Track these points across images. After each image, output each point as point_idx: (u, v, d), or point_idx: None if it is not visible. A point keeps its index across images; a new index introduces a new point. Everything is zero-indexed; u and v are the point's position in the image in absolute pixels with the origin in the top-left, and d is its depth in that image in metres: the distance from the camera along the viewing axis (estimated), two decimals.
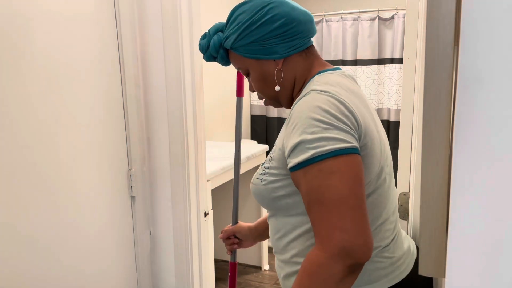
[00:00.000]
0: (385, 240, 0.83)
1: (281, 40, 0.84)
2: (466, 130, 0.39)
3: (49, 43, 1.10)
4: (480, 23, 0.37)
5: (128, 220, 1.45)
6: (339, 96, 0.75)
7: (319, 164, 0.70)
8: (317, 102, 0.74)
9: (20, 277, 1.06)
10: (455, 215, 0.41)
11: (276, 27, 0.83)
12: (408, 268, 0.85)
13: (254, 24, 0.84)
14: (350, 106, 0.74)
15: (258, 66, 0.88)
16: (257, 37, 0.84)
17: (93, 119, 1.26)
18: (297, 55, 0.87)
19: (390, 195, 0.86)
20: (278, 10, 0.83)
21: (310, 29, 0.87)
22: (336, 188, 0.69)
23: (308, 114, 0.73)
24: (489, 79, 0.38)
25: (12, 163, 1.02)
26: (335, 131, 0.71)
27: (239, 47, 0.87)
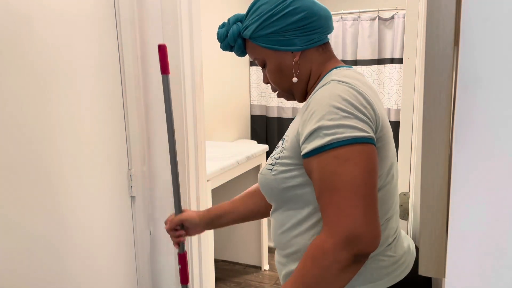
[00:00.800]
0: (389, 238, 0.84)
1: (301, 32, 0.86)
2: (466, 130, 0.39)
3: (49, 43, 1.10)
4: (480, 23, 0.37)
5: (128, 220, 1.45)
6: (358, 87, 0.76)
7: (336, 150, 0.71)
8: (337, 91, 0.75)
9: (20, 277, 1.06)
10: (455, 215, 0.41)
11: (297, 19, 0.84)
12: (409, 268, 0.86)
13: (276, 15, 0.85)
14: (369, 98, 0.76)
15: (276, 57, 0.89)
16: (278, 28, 0.86)
17: (93, 119, 1.26)
18: (314, 49, 0.89)
19: (395, 194, 0.86)
20: (300, 3, 0.85)
21: (329, 25, 0.90)
22: (349, 176, 0.69)
23: (328, 102, 0.74)
24: (489, 79, 0.38)
25: (12, 163, 1.02)
26: (354, 120, 0.72)
27: (259, 37, 0.88)
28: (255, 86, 3.35)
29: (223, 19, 2.87)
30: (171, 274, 1.51)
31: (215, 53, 2.80)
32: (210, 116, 2.73)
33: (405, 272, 0.84)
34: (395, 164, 0.87)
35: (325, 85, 0.79)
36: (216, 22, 2.79)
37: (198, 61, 1.42)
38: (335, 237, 0.68)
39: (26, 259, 1.08)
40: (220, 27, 0.95)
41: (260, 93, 3.35)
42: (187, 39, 1.37)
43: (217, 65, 2.84)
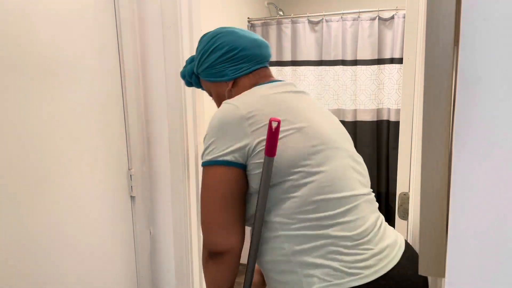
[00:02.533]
0: (352, 231, 0.86)
1: (229, 64, 0.99)
2: (466, 130, 0.39)
3: (48, 43, 1.10)
4: (480, 23, 0.37)
5: (128, 220, 1.45)
6: (239, 108, 0.89)
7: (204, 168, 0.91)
8: (215, 114, 0.92)
9: (20, 277, 1.06)
10: (455, 215, 0.41)
11: (223, 53, 0.99)
12: (394, 260, 0.87)
13: (207, 52, 1.01)
14: (251, 116, 0.88)
15: (215, 88, 1.04)
16: (210, 62, 1.00)
17: (93, 119, 1.26)
18: (245, 77, 1.01)
19: (334, 194, 0.88)
20: (225, 38, 0.99)
21: (260, 53, 1.01)
22: (202, 193, 0.90)
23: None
24: (489, 79, 0.38)
25: (11, 163, 1.02)
26: (216, 143, 0.88)
27: (201, 72, 1.04)
28: None
29: (223, 19, 2.87)
30: (171, 274, 1.51)
31: None
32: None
33: (390, 264, 0.86)
34: (323, 163, 0.90)
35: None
36: (216, 22, 2.79)
37: None
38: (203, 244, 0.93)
39: (26, 259, 1.08)
40: (184, 67, 1.12)
41: None
42: (187, 39, 1.37)
43: None
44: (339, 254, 0.85)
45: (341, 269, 0.84)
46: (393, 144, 3.02)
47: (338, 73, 3.06)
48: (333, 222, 0.86)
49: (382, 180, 3.12)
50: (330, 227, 0.86)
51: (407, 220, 1.41)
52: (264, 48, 1.03)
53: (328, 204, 0.86)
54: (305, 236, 0.86)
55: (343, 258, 0.84)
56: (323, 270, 0.84)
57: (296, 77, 3.19)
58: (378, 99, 3.01)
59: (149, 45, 1.38)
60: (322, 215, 0.86)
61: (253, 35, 1.03)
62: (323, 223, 0.86)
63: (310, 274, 0.85)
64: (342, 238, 0.85)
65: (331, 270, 0.84)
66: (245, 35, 1.01)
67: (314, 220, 0.86)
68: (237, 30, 1.02)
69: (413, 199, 1.27)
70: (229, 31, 1.01)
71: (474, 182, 0.40)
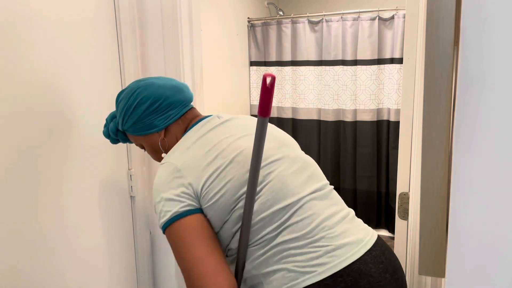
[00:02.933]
0: (300, 231, 0.87)
1: (156, 115, 1.00)
2: (466, 130, 0.39)
3: (49, 43, 1.10)
4: (480, 23, 0.37)
5: (128, 220, 1.45)
6: (172, 164, 0.92)
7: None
8: (156, 178, 0.93)
9: (19, 277, 1.06)
10: (455, 215, 0.41)
11: (148, 106, 0.99)
12: (354, 257, 0.85)
13: (130, 108, 1.00)
14: (182, 168, 0.90)
15: (147, 140, 1.04)
16: (136, 117, 1.00)
17: (93, 119, 1.26)
18: (174, 123, 1.02)
19: (273, 207, 0.90)
20: (145, 92, 0.99)
21: (182, 98, 1.03)
22: (178, 254, 0.87)
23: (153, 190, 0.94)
24: (489, 79, 0.38)
25: (11, 164, 1.02)
26: (165, 202, 0.89)
27: (128, 128, 1.04)
28: (255, 86, 3.35)
29: (223, 19, 2.87)
30: (171, 274, 1.51)
31: (215, 53, 2.80)
32: None
33: (347, 261, 0.84)
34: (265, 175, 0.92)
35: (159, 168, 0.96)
36: (216, 22, 2.79)
37: (198, 61, 1.42)
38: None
39: (26, 259, 1.08)
40: (104, 127, 1.13)
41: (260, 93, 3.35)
42: (187, 39, 1.37)
43: (217, 65, 2.84)
44: (292, 256, 0.86)
45: (295, 270, 0.85)
46: (393, 144, 3.02)
47: (338, 73, 3.06)
48: (280, 229, 0.88)
49: (382, 180, 3.12)
50: (278, 234, 0.88)
51: (407, 220, 1.41)
52: (186, 91, 1.05)
53: (273, 217, 0.89)
54: (261, 251, 0.88)
55: (296, 259, 0.85)
56: (279, 274, 0.86)
57: (296, 77, 3.19)
58: (378, 99, 3.02)
59: (149, 45, 1.38)
60: (270, 228, 0.88)
61: (172, 81, 1.05)
62: (271, 235, 0.88)
63: (270, 280, 0.87)
64: (292, 240, 0.87)
65: (286, 272, 0.85)
66: (164, 84, 1.02)
67: (264, 236, 0.88)
68: (154, 81, 1.03)
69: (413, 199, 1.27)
70: (147, 83, 1.02)
71: (474, 182, 0.40)
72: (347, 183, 3.18)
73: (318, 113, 3.19)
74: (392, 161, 3.03)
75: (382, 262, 0.88)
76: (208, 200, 0.89)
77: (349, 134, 3.10)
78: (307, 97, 3.18)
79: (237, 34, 3.11)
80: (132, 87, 1.03)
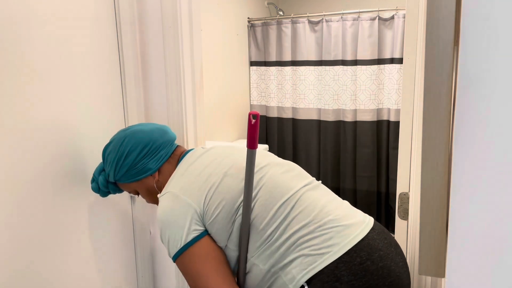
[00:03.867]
0: (306, 219, 0.92)
1: (148, 159, 1.05)
2: (466, 130, 0.39)
3: (48, 43, 1.10)
4: (480, 23, 0.37)
5: (128, 220, 1.45)
6: (174, 193, 0.96)
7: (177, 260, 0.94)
8: (159, 209, 0.96)
9: (19, 277, 1.06)
10: (455, 215, 0.41)
11: (138, 152, 1.04)
12: (361, 234, 0.91)
13: (121, 158, 1.05)
14: (185, 197, 0.95)
15: (142, 185, 1.08)
16: (129, 165, 1.05)
17: (93, 119, 1.26)
18: (166, 163, 1.08)
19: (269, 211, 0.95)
20: (134, 140, 1.05)
21: (168, 138, 1.09)
22: (192, 280, 0.92)
23: (157, 219, 0.98)
24: (489, 79, 0.38)
25: (11, 163, 1.02)
26: (174, 232, 0.93)
27: (120, 177, 1.07)
28: (255, 86, 3.35)
29: (223, 19, 2.87)
30: (171, 274, 1.51)
31: (215, 53, 2.80)
32: (210, 116, 2.74)
33: (356, 238, 0.89)
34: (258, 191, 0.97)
35: (160, 200, 0.99)
36: (216, 22, 2.79)
37: (198, 61, 1.42)
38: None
39: (26, 259, 1.08)
40: (91, 182, 1.15)
41: (260, 93, 3.36)
42: (187, 39, 1.37)
43: (217, 65, 2.84)
44: (306, 241, 0.89)
45: (311, 253, 0.88)
46: (393, 144, 3.02)
47: (338, 73, 3.06)
48: (286, 224, 0.92)
49: (382, 180, 3.12)
50: (286, 228, 0.92)
51: (407, 220, 1.41)
52: (169, 132, 1.12)
53: (275, 214, 0.93)
54: (274, 248, 0.92)
55: (311, 243, 0.89)
56: (296, 262, 0.89)
57: (296, 77, 3.19)
58: (378, 99, 3.02)
59: (149, 45, 1.38)
60: (274, 226, 0.92)
61: (154, 125, 1.11)
62: (278, 231, 0.92)
63: (288, 271, 0.90)
64: (301, 229, 0.91)
65: (303, 258, 0.88)
66: (149, 128, 1.08)
67: (271, 234, 0.92)
68: (139, 127, 1.09)
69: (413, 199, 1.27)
70: (132, 131, 1.07)
71: (474, 182, 0.40)
72: (347, 183, 3.17)
73: (318, 113, 3.19)
74: (392, 161, 3.03)
75: (385, 238, 0.95)
76: (210, 216, 0.94)
77: (349, 134, 3.10)
78: (307, 97, 3.18)
79: (237, 34, 3.11)
80: (118, 137, 1.08)
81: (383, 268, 0.88)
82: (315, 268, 0.87)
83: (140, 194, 1.13)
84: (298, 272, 0.88)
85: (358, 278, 0.85)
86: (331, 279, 0.85)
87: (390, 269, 0.89)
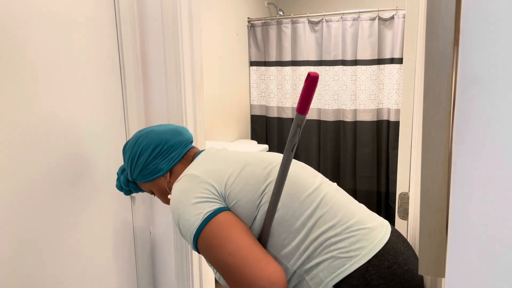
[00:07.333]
0: (333, 220, 0.89)
1: (160, 159, 1.05)
2: (466, 130, 0.39)
3: (49, 43, 1.10)
4: (480, 23, 0.37)
5: (128, 220, 1.45)
6: (195, 175, 0.94)
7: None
8: (174, 192, 0.93)
9: (19, 277, 1.06)
10: (455, 215, 0.41)
11: (150, 152, 1.04)
12: (386, 237, 0.90)
13: (135, 157, 1.05)
14: (206, 177, 0.92)
15: (155, 185, 1.08)
16: (142, 165, 1.05)
17: (93, 119, 1.26)
18: (178, 164, 1.07)
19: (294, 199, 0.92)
20: (146, 140, 1.05)
21: (182, 140, 1.09)
22: (214, 260, 0.85)
23: (173, 200, 0.94)
24: (489, 79, 0.38)
25: (11, 163, 1.02)
26: (192, 207, 0.88)
27: (137, 177, 1.07)
28: (255, 86, 3.35)
29: (223, 19, 2.87)
30: (171, 274, 1.51)
31: (215, 53, 2.80)
32: (210, 116, 2.73)
33: (382, 241, 0.88)
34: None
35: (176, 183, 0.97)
36: (216, 22, 2.79)
37: (198, 61, 1.42)
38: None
39: (26, 259, 1.08)
40: (117, 180, 1.16)
41: (260, 93, 3.35)
42: (187, 39, 1.37)
43: (217, 65, 2.84)
44: (334, 243, 0.87)
45: (341, 256, 0.86)
46: (393, 144, 3.02)
47: (338, 73, 3.06)
48: (314, 220, 0.89)
49: (382, 180, 3.12)
50: (313, 226, 0.89)
51: (407, 220, 1.41)
52: (185, 133, 1.11)
53: (302, 206, 0.90)
54: (302, 250, 0.88)
55: (339, 245, 0.86)
56: (324, 264, 0.86)
57: (296, 77, 3.19)
58: (378, 99, 3.02)
59: (149, 45, 1.38)
60: (302, 219, 0.89)
61: (171, 126, 1.11)
62: (307, 228, 0.89)
63: (315, 274, 0.86)
64: (329, 230, 0.88)
65: (332, 261, 0.85)
66: (164, 130, 1.08)
67: (299, 229, 0.89)
68: (154, 128, 1.09)
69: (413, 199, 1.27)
70: (147, 131, 1.08)
71: (474, 182, 0.40)
72: (347, 183, 3.18)
73: (318, 113, 3.19)
74: (392, 161, 3.03)
75: (404, 241, 0.94)
76: (233, 198, 0.91)
77: (349, 134, 3.10)
78: None
79: (237, 34, 3.11)
80: (134, 137, 1.09)
81: (408, 271, 0.87)
82: (345, 271, 0.84)
83: (155, 194, 1.12)
84: (326, 276, 0.85)
85: (387, 281, 0.84)
86: (361, 282, 0.83)
87: (413, 272, 0.88)
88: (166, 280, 1.53)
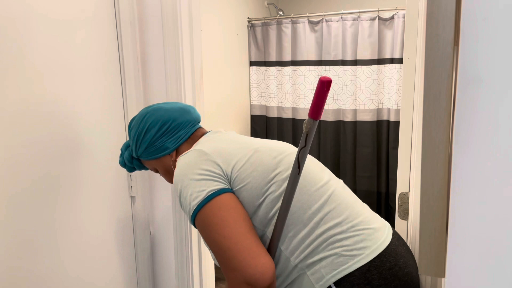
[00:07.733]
0: (339, 217, 0.89)
1: (167, 137, 1.03)
2: (466, 130, 0.39)
3: (49, 43, 1.10)
4: (480, 23, 0.37)
5: (128, 220, 1.45)
6: (195, 150, 0.93)
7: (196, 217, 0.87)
8: (180, 165, 0.92)
9: (19, 277, 1.06)
10: (455, 215, 0.41)
11: (157, 129, 1.02)
12: (388, 239, 0.91)
13: (141, 134, 1.03)
14: (213, 156, 0.91)
15: (160, 163, 1.07)
16: (148, 142, 1.03)
17: (93, 119, 1.26)
18: (185, 143, 1.05)
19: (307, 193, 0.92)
20: (154, 117, 1.03)
21: (190, 119, 1.07)
22: (208, 239, 0.85)
23: (177, 175, 0.92)
24: (489, 79, 0.38)
25: (11, 163, 1.02)
26: (195, 183, 0.87)
27: (141, 154, 1.06)
28: (255, 86, 3.35)
29: (223, 19, 2.87)
30: (171, 274, 1.51)
31: (215, 53, 2.80)
32: (209, 116, 2.73)
33: (385, 243, 0.89)
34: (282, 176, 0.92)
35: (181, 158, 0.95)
36: (216, 22, 2.79)
37: (198, 61, 1.42)
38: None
39: (26, 259, 1.08)
40: (120, 156, 1.15)
41: (260, 93, 3.35)
42: (187, 39, 1.37)
43: (217, 65, 2.84)
44: (339, 241, 0.87)
45: (344, 254, 0.86)
46: (393, 144, 3.02)
47: (338, 73, 3.06)
48: (321, 215, 0.89)
49: (382, 180, 3.12)
50: (320, 221, 0.89)
51: (407, 220, 1.41)
52: (193, 112, 1.09)
53: (310, 199, 0.90)
54: (307, 244, 0.88)
55: (343, 243, 0.87)
56: (327, 261, 0.86)
57: (296, 77, 3.19)
58: (378, 99, 3.01)
59: (149, 45, 1.38)
60: (310, 212, 0.89)
61: (178, 104, 1.09)
62: (314, 221, 0.88)
63: (316, 270, 0.87)
64: (335, 226, 0.88)
65: (335, 258, 0.86)
66: (171, 107, 1.06)
67: (307, 222, 0.88)
68: (162, 105, 1.07)
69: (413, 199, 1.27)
70: (154, 108, 1.05)
71: (474, 182, 0.40)
72: (347, 183, 3.17)
73: None
74: (392, 161, 3.03)
75: (404, 244, 0.95)
76: (239, 182, 0.90)
77: (349, 134, 3.10)
78: (307, 97, 3.18)
79: (237, 34, 3.11)
80: (141, 113, 1.06)
81: (408, 274, 0.88)
82: (347, 269, 0.85)
83: (160, 172, 1.11)
84: (328, 272, 0.85)
85: (387, 282, 0.85)
86: (361, 281, 0.84)
87: (413, 275, 0.89)
88: (166, 280, 1.53)
